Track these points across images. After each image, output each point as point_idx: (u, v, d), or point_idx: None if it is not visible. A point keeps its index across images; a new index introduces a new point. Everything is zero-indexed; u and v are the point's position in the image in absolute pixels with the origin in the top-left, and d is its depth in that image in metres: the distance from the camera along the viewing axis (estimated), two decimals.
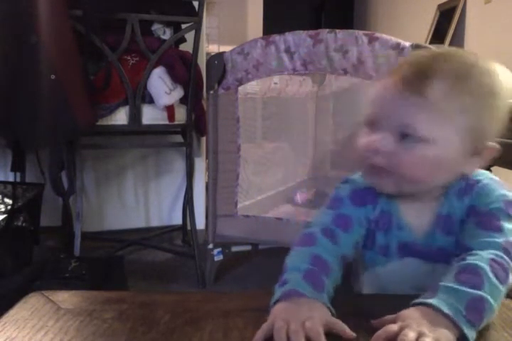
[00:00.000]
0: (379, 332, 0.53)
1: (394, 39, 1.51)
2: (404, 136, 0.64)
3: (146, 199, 2.56)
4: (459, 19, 3.64)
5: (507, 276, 0.58)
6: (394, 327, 0.52)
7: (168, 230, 2.45)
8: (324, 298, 0.59)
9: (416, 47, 1.48)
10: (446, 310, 0.53)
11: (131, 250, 2.20)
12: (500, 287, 0.57)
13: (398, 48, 1.49)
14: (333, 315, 0.58)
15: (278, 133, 2.28)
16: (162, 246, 2.29)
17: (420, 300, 0.56)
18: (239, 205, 1.82)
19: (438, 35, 3.87)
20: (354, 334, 0.54)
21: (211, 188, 1.81)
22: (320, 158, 2.49)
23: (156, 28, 1.91)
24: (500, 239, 0.61)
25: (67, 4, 1.63)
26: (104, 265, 1.68)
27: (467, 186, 0.69)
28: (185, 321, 0.60)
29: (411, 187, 0.67)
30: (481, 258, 0.59)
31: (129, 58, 1.84)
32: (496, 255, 0.59)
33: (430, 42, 3.84)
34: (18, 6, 1.54)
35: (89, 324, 0.59)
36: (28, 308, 0.63)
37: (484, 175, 0.71)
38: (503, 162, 1.55)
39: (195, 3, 1.89)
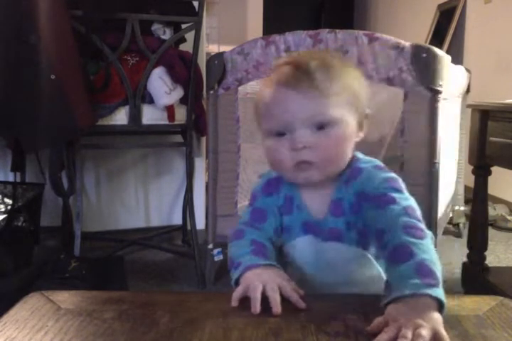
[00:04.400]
0: (379, 336, 0.54)
1: (394, 39, 1.51)
2: (318, 126, 0.72)
3: (146, 199, 2.56)
4: (459, 19, 3.64)
5: (422, 231, 0.66)
6: (392, 330, 0.54)
7: (168, 230, 2.45)
8: (277, 265, 0.72)
9: (416, 47, 1.48)
10: (407, 291, 0.58)
11: (131, 250, 2.20)
12: (423, 241, 0.64)
13: (398, 48, 1.49)
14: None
15: None
16: (162, 246, 2.28)
17: (387, 299, 0.59)
18: (239, 205, 1.82)
19: (438, 35, 3.87)
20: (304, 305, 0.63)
21: (211, 188, 1.81)
22: None
23: (156, 28, 1.91)
24: (398, 207, 0.69)
25: (67, 4, 1.63)
26: (104, 265, 1.68)
27: (353, 173, 0.77)
28: (185, 321, 0.60)
29: (331, 170, 0.76)
30: (394, 232, 0.66)
31: (129, 58, 1.84)
32: (403, 221, 0.67)
33: (430, 43, 3.84)
34: (18, 6, 1.54)
35: (89, 324, 0.59)
36: (28, 308, 0.63)
37: (368, 163, 0.78)
38: (503, 162, 1.55)
39: (195, 3, 1.89)
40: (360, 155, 0.80)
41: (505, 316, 0.61)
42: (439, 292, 0.58)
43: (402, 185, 0.74)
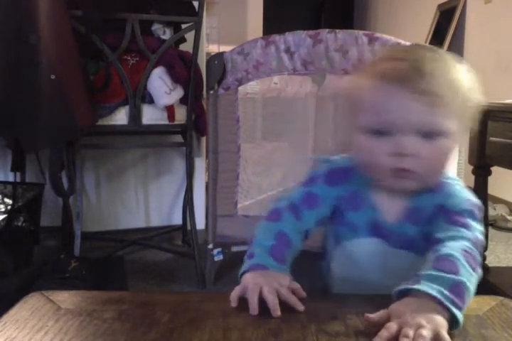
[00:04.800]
0: (380, 333, 0.54)
1: (394, 39, 1.51)
2: (427, 135, 0.67)
3: (146, 199, 2.56)
4: (459, 19, 3.64)
5: (477, 265, 0.63)
6: (393, 327, 0.54)
7: (168, 230, 2.45)
8: (285, 269, 0.70)
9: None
10: (434, 293, 0.57)
11: (131, 250, 2.19)
12: (474, 274, 0.62)
13: None
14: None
15: (278, 133, 2.28)
16: (162, 246, 2.28)
17: (406, 286, 0.59)
18: (239, 205, 1.82)
19: (438, 35, 3.87)
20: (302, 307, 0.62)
21: (211, 188, 1.81)
22: None
23: (156, 28, 1.91)
24: (469, 234, 0.67)
25: (67, 4, 1.63)
26: (104, 265, 1.69)
27: (438, 185, 0.74)
28: (185, 321, 0.60)
29: (429, 181, 0.72)
30: (454, 248, 0.64)
31: (129, 58, 1.83)
32: (467, 246, 0.64)
33: (430, 43, 3.84)
34: (18, 6, 1.54)
35: (89, 324, 0.59)
36: (28, 308, 0.63)
37: (453, 179, 0.76)
38: (503, 162, 1.55)
39: (195, 3, 1.89)
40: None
41: (505, 316, 0.61)
42: (459, 313, 0.57)
43: (480, 215, 0.72)
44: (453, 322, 0.56)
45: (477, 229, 0.69)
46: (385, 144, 0.68)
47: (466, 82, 0.70)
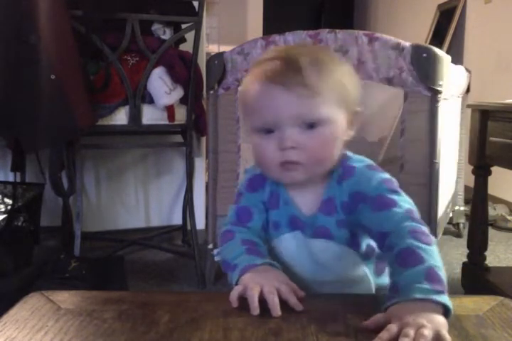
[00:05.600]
0: (380, 334, 0.54)
1: (394, 39, 1.51)
2: (307, 125, 0.70)
3: (146, 199, 2.56)
4: (459, 19, 3.64)
5: (428, 236, 0.65)
6: (394, 328, 0.54)
7: (168, 230, 2.45)
8: (275, 263, 0.71)
9: (416, 47, 1.48)
10: (417, 295, 0.57)
11: (131, 250, 2.20)
12: (431, 248, 0.63)
13: (398, 48, 1.49)
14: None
15: None
16: (162, 246, 2.28)
17: (391, 301, 0.59)
18: None
19: (438, 35, 3.87)
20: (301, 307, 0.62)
21: (211, 188, 1.81)
22: None
23: (156, 28, 1.91)
24: (400, 210, 0.68)
25: (67, 4, 1.63)
26: (104, 265, 1.68)
27: (345, 172, 0.76)
28: (185, 321, 0.60)
29: (318, 170, 0.74)
30: (401, 236, 0.65)
31: (129, 58, 1.84)
32: (408, 225, 0.66)
33: (430, 43, 3.84)
34: (18, 6, 1.54)
35: (89, 324, 0.59)
36: (28, 308, 0.63)
37: (360, 162, 0.77)
38: (503, 162, 1.55)
39: (195, 3, 1.89)
40: (350, 153, 0.78)
41: (505, 316, 0.61)
42: (446, 298, 0.58)
43: (397, 186, 0.74)
44: (446, 309, 0.57)
45: (403, 200, 0.70)
46: (272, 140, 0.71)
47: (338, 68, 0.74)
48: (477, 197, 1.71)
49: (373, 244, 0.76)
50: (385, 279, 0.76)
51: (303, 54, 0.72)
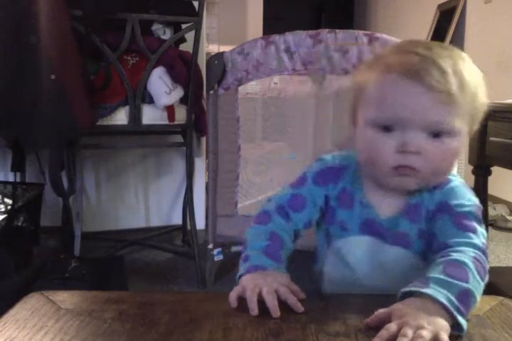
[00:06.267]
0: (380, 333, 0.54)
1: (394, 39, 1.51)
2: (435, 133, 0.66)
3: (146, 199, 2.56)
4: (459, 19, 3.64)
5: (485, 274, 0.62)
6: (393, 327, 0.54)
7: (168, 230, 2.45)
8: (283, 268, 0.70)
9: None
10: (441, 299, 0.56)
11: (131, 250, 2.19)
12: (482, 283, 0.61)
13: None
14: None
15: (278, 133, 2.27)
16: (162, 246, 2.28)
17: (414, 288, 0.58)
18: (239, 205, 1.82)
19: (438, 35, 3.87)
20: (302, 309, 0.62)
21: (211, 188, 1.81)
22: None
23: (156, 28, 1.91)
24: (477, 240, 0.65)
25: (67, 4, 1.63)
26: (104, 265, 1.68)
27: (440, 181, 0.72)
28: (185, 321, 0.60)
29: (432, 181, 0.70)
30: (465, 255, 0.62)
31: (129, 58, 1.83)
32: (477, 253, 0.63)
33: None
34: (18, 6, 1.54)
35: (89, 324, 0.59)
36: (28, 308, 0.63)
37: (455, 177, 0.74)
38: (503, 162, 1.55)
39: (195, 3, 1.89)
40: None
41: (505, 316, 0.61)
42: (464, 321, 0.56)
43: (481, 217, 0.71)
44: (455, 329, 0.56)
45: (483, 234, 0.68)
46: (391, 140, 0.67)
47: (475, 81, 0.68)
48: (477, 197, 1.71)
49: None
50: None
51: (447, 57, 0.67)
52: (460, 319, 0.56)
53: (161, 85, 1.84)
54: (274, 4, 5.23)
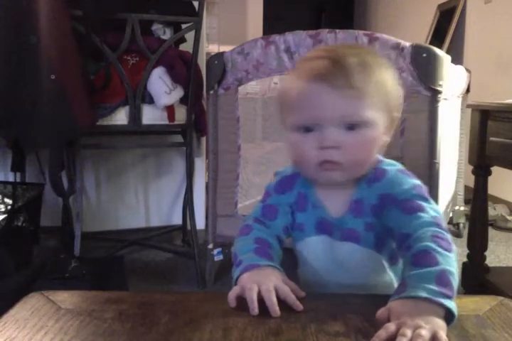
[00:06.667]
0: (378, 333, 0.54)
1: (394, 39, 1.51)
2: (349, 126, 0.70)
3: (146, 199, 2.56)
4: (459, 19, 3.65)
5: (450, 244, 0.65)
6: (392, 327, 0.55)
7: (168, 230, 2.45)
8: (277, 265, 0.71)
9: (416, 47, 1.48)
10: (424, 294, 0.57)
11: (131, 250, 2.20)
12: (451, 254, 0.63)
13: (398, 48, 1.49)
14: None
15: (278, 133, 2.27)
16: (162, 246, 2.28)
17: (396, 296, 0.59)
18: (239, 205, 1.82)
19: (438, 35, 3.87)
20: (301, 307, 0.63)
21: (211, 188, 1.81)
22: None
23: (156, 28, 1.91)
24: (427, 216, 0.68)
25: (67, 4, 1.63)
26: (104, 265, 1.68)
27: (376, 174, 0.75)
28: (185, 321, 0.60)
29: (356, 172, 0.74)
30: (423, 238, 0.65)
31: (129, 58, 1.84)
32: (432, 230, 0.66)
33: (430, 43, 3.84)
34: (18, 6, 1.54)
35: (89, 324, 0.59)
36: (28, 308, 0.63)
37: (391, 166, 0.77)
38: (503, 162, 1.55)
39: (195, 3, 1.89)
40: (381, 157, 0.78)
41: (505, 316, 0.61)
42: (452, 304, 0.57)
43: (427, 192, 0.73)
44: (449, 314, 0.57)
45: (431, 208, 0.70)
46: (311, 139, 0.71)
47: (384, 72, 0.73)
48: (477, 197, 1.71)
49: None
50: None
51: (351, 55, 0.71)
52: (447, 304, 0.57)
53: (161, 85, 1.84)
54: (274, 4, 5.23)
